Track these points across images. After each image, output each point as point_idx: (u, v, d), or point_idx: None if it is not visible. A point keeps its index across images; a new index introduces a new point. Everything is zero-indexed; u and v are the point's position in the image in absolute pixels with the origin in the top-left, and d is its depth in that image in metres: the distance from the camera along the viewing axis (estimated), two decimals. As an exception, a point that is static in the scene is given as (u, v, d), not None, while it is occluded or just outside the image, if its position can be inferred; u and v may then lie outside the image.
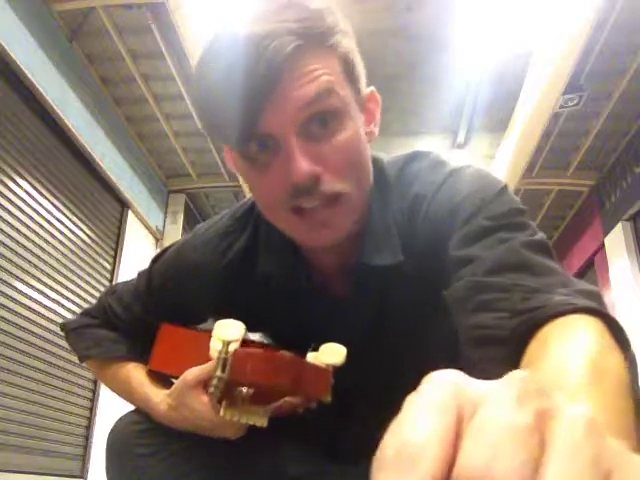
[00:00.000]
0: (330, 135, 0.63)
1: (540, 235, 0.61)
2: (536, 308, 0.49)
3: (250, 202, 0.83)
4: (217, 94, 0.61)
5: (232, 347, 0.65)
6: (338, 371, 0.68)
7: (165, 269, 0.86)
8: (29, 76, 2.83)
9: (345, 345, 0.71)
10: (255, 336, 0.82)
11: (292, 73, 0.60)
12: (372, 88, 0.73)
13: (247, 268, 0.78)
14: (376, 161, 0.75)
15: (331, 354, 0.70)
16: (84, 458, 3.33)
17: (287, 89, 0.60)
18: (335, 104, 0.63)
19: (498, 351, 0.50)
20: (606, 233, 4.28)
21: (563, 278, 0.54)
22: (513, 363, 0.45)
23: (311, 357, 0.70)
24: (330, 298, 0.78)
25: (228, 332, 0.67)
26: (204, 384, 0.75)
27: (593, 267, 4.65)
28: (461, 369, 0.23)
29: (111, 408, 3.19)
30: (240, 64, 0.59)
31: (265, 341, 0.87)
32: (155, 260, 0.88)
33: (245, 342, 0.70)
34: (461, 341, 0.56)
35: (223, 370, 0.63)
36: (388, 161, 0.78)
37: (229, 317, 0.86)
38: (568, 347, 0.41)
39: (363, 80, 0.69)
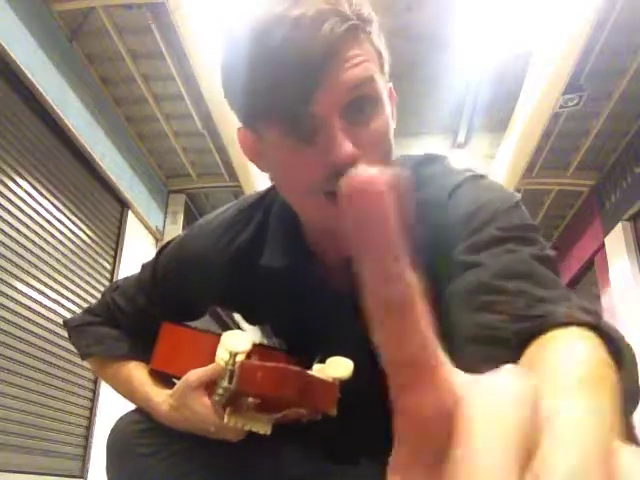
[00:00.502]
0: (368, 121, 0.63)
1: (549, 251, 0.61)
2: (540, 316, 0.49)
3: (258, 195, 0.83)
4: (263, 73, 0.60)
5: (239, 358, 0.65)
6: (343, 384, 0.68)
7: (168, 261, 0.86)
8: (29, 76, 2.83)
9: (345, 343, 0.71)
10: (256, 334, 0.82)
11: (342, 55, 0.60)
12: (390, 84, 0.73)
13: (250, 261, 0.78)
14: None
15: (337, 367, 0.69)
16: (84, 458, 3.33)
17: (337, 72, 0.60)
18: (375, 91, 0.63)
19: (498, 352, 0.50)
20: (606, 233, 4.28)
21: (566, 293, 0.55)
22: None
23: (317, 369, 0.70)
24: (332, 293, 0.78)
25: (236, 343, 0.67)
26: (206, 386, 0.75)
27: (593, 267, 4.65)
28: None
29: (111, 408, 3.19)
30: (293, 43, 0.58)
31: (265, 341, 0.87)
32: (160, 251, 0.88)
33: (252, 348, 0.70)
34: (459, 337, 0.56)
35: (230, 381, 0.63)
36: (398, 159, 0.78)
37: (230, 309, 0.86)
38: (565, 356, 0.41)
39: (387, 74, 0.70)
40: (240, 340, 0.68)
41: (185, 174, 4.65)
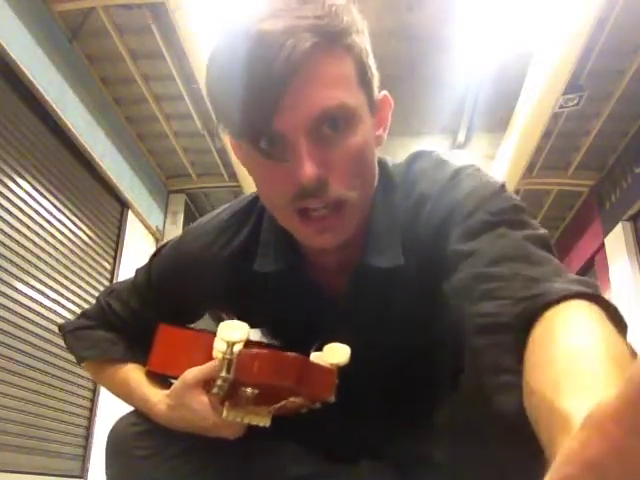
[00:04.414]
0: (339, 139, 0.62)
1: (542, 231, 0.61)
2: (537, 295, 0.49)
3: (252, 197, 0.83)
4: (231, 89, 0.60)
5: (237, 348, 0.65)
6: (341, 372, 0.68)
7: (164, 263, 0.86)
8: (29, 76, 2.83)
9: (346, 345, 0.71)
10: (256, 335, 0.82)
11: (308, 73, 0.59)
12: (385, 92, 0.72)
13: (246, 264, 0.78)
14: (381, 164, 0.75)
15: (335, 354, 0.70)
16: (84, 458, 3.33)
17: (302, 90, 0.59)
18: (347, 110, 0.62)
19: (503, 338, 0.50)
20: (606, 233, 4.28)
21: (560, 268, 0.55)
22: (519, 349, 0.46)
23: (315, 357, 0.70)
24: (329, 296, 0.78)
25: (232, 333, 0.67)
26: (203, 384, 0.75)
27: (593, 267, 4.65)
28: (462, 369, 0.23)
29: (111, 408, 3.19)
30: (256, 60, 0.58)
31: (265, 341, 0.87)
32: (154, 255, 0.88)
33: (248, 343, 0.70)
34: (466, 330, 0.56)
35: (228, 371, 0.63)
36: (394, 164, 0.78)
37: (227, 311, 0.86)
38: (574, 332, 0.42)
39: (376, 82, 0.69)
40: (237, 329, 0.68)
41: (185, 174, 4.65)
